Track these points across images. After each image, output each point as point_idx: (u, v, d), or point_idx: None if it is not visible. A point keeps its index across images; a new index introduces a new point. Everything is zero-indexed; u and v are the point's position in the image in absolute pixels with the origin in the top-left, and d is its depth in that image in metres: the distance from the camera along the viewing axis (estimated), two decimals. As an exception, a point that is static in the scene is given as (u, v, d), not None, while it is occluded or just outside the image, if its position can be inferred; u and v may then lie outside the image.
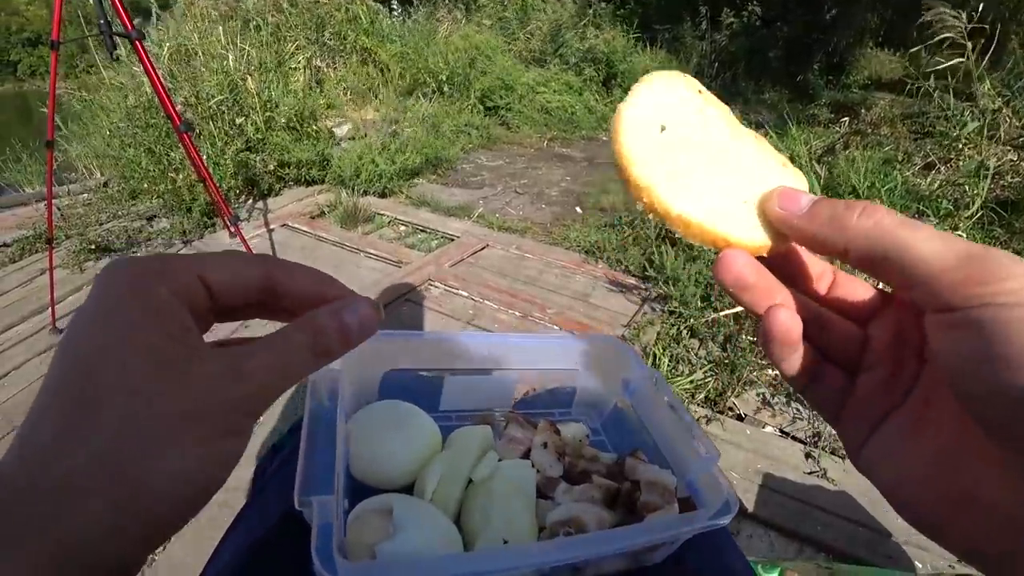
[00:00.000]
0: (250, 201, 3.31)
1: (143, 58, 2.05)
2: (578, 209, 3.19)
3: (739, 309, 2.12)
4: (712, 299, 2.18)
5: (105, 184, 3.63)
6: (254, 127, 3.44)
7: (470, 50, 5.11)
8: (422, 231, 2.91)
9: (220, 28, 4.23)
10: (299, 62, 4.63)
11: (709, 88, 0.25)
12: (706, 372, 1.94)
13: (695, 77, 0.25)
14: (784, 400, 1.84)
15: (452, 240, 2.75)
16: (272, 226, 2.94)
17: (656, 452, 0.48)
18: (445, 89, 4.78)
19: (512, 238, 2.76)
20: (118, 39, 2.18)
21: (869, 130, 3.77)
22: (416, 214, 3.05)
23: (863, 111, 4.38)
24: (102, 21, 2.05)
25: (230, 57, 3.91)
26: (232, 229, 2.75)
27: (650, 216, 0.24)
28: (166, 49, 4.00)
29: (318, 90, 4.58)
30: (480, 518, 0.41)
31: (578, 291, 2.33)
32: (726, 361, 1.96)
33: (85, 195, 3.49)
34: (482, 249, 2.63)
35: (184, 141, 2.20)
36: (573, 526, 0.39)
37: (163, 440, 0.18)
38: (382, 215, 3.05)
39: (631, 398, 0.52)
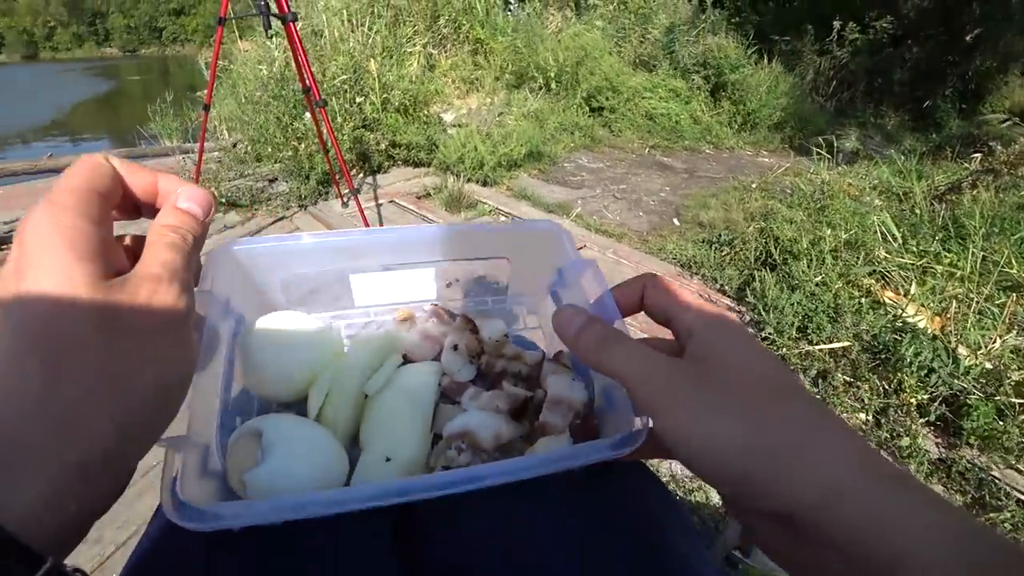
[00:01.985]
0: (360, 175, 3.51)
1: (295, 38, 2.24)
2: (675, 221, 3.15)
3: (837, 345, 2.04)
4: (809, 331, 2.12)
5: (234, 145, 3.96)
6: (372, 107, 3.63)
7: (578, 49, 5.12)
8: (521, 224, 2.98)
9: (346, 11, 4.47)
10: (415, 47, 4.82)
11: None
12: (792, 406, 1.89)
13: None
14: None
15: (550, 237, 2.79)
16: (381, 201, 3.12)
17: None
18: (552, 86, 4.81)
19: (608, 242, 2.78)
20: (272, 18, 2.38)
21: (1004, 170, 3.45)
22: (516, 206, 3.13)
23: (999, 147, 4.01)
24: (261, 3, 2.25)
25: (353, 39, 4.14)
26: (344, 199, 2.95)
27: None
28: (298, 27, 4.27)
29: (429, 76, 4.76)
30: (368, 433, 0.38)
31: (670, 303, 2.31)
32: (816, 396, 1.90)
33: (216, 153, 3.83)
34: (579, 249, 2.66)
35: (320, 116, 2.38)
36: (466, 440, 0.37)
37: (142, 336, 0.23)
38: (484, 203, 3.15)
39: (562, 291, 0.44)
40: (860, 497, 0.22)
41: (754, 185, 3.59)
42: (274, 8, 2.28)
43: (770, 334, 2.12)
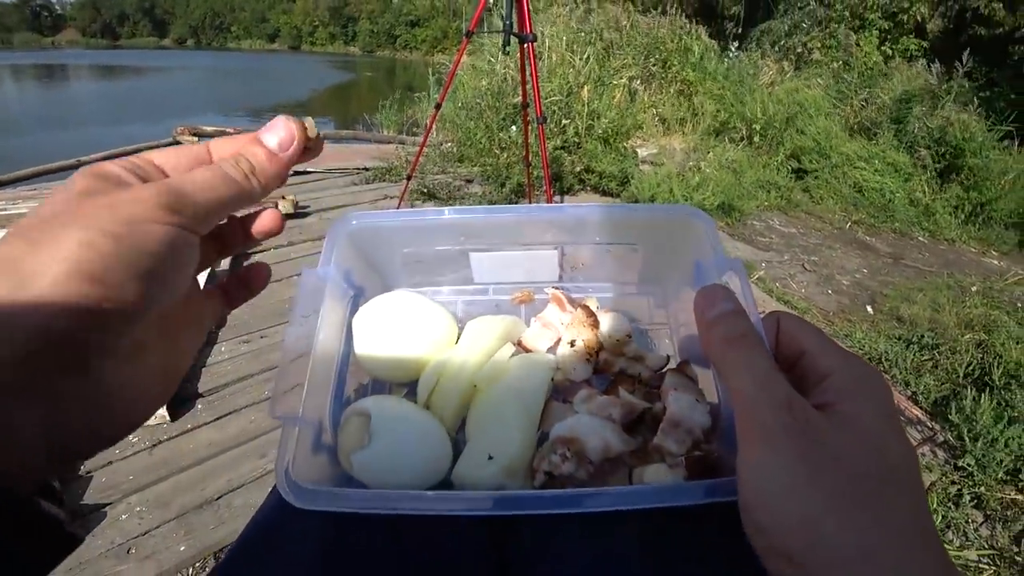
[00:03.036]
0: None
1: (531, 58, 2.43)
2: (869, 308, 2.84)
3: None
4: (1023, 476, 1.78)
5: (441, 144, 4.40)
6: (575, 131, 3.81)
7: (792, 105, 4.85)
8: (698, 273, 2.92)
9: (565, 39, 4.73)
10: (621, 80, 4.94)
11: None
12: (982, 556, 1.60)
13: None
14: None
15: (728, 293, 2.68)
16: (563, 221, 3.25)
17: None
18: (755, 139, 4.62)
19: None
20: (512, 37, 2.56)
21: None
22: (695, 253, 3.06)
23: None
24: (507, 22, 2.46)
25: (568, 65, 4.38)
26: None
27: None
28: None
29: (630, 110, 4.85)
30: (474, 426, 0.37)
31: (850, 395, 2.10)
32: (1017, 558, 1.58)
33: (426, 148, 4.27)
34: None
35: (537, 131, 2.55)
36: (572, 447, 0.34)
37: (102, 228, 0.21)
38: (662, 244, 3.14)
39: (695, 290, 0.37)
40: None
41: (975, 288, 3.11)
42: (516, 28, 2.48)
43: (969, 465, 1.83)
